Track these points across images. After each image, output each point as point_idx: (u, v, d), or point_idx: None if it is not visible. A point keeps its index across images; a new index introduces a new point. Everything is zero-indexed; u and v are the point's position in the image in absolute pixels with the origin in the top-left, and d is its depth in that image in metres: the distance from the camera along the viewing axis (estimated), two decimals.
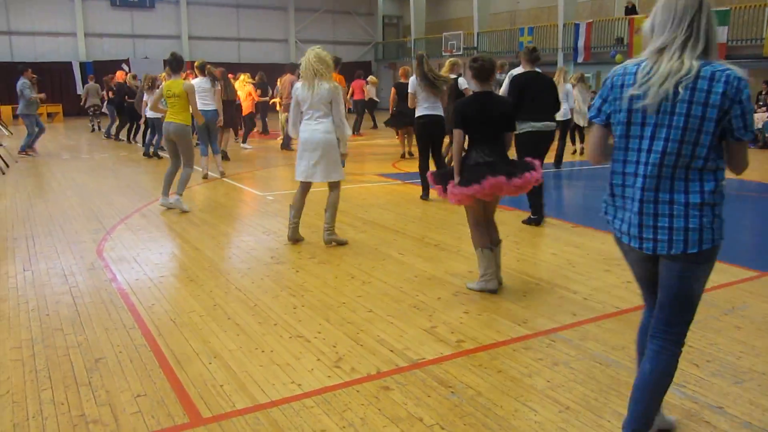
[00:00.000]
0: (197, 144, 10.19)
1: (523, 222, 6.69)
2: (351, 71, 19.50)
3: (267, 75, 16.20)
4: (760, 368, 3.36)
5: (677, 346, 2.45)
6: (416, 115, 7.93)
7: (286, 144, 13.78)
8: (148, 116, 11.97)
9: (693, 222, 2.25)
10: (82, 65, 27.03)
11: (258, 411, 2.90)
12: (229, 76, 13.49)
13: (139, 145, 14.24)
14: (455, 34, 27.24)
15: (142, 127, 13.74)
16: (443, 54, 27.15)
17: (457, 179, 4.35)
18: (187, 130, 7.25)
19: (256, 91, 14.66)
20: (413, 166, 10.17)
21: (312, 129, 5.55)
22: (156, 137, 12.22)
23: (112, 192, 8.75)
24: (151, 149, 12.54)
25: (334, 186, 5.76)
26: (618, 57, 19.18)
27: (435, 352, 3.52)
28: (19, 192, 8.78)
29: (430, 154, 7.91)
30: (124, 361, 3.42)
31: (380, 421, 2.81)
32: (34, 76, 13.16)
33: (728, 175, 2.33)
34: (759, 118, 14.93)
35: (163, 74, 10.24)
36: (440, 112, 7.83)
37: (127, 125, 15.43)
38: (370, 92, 18.84)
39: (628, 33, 20.30)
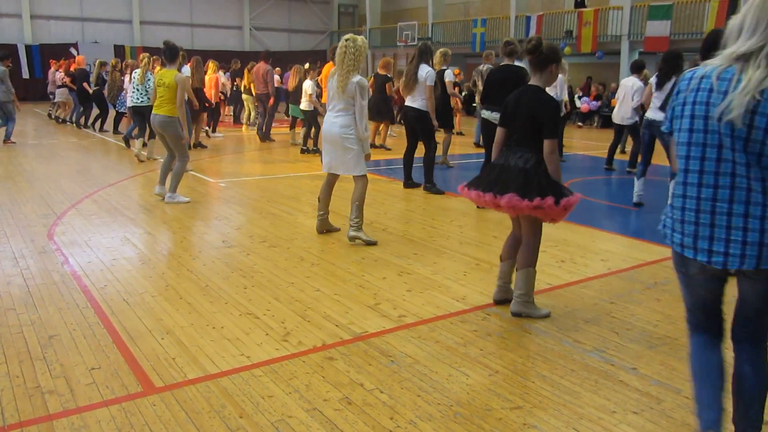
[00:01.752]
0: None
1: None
2: (304, 60, 19.52)
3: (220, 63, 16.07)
4: (673, 334, 3.70)
5: None
6: (406, 105, 7.89)
7: (266, 135, 13.64)
8: (129, 104, 11.41)
9: None
10: (28, 48, 26.27)
11: (209, 380, 3.08)
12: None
13: (95, 133, 14.04)
14: (410, 25, 27.44)
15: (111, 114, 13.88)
16: (398, 44, 27.36)
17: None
18: (174, 122, 6.94)
19: (229, 80, 14.60)
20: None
21: (331, 121, 5.43)
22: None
23: (62, 178, 8.69)
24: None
25: (356, 180, 5.55)
26: (567, 49, 19.74)
27: (377, 326, 3.74)
28: None
29: (419, 144, 7.96)
30: (78, 338, 3.54)
31: (324, 387, 3.02)
32: (10, 64, 12.82)
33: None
34: None
35: (144, 56, 10.07)
36: (418, 104, 7.70)
37: (96, 113, 15.10)
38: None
39: (577, 26, 20.89)
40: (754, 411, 2.31)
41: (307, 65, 11.98)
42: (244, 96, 15.64)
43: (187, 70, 9.87)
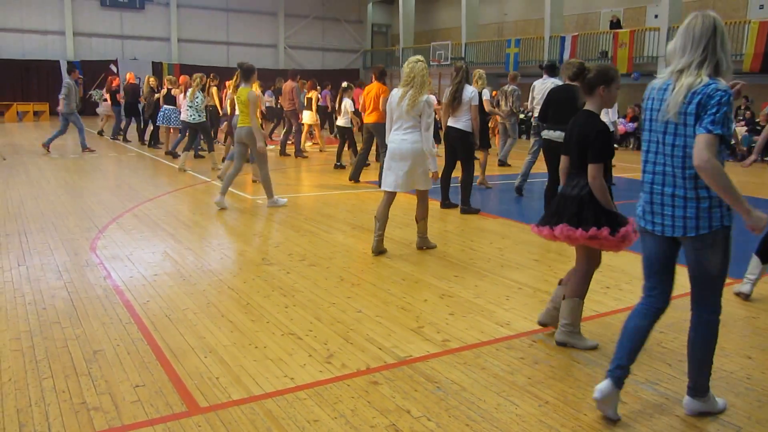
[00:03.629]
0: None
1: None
2: (338, 79, 19.68)
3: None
4: (728, 368, 3.56)
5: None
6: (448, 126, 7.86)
7: (298, 151, 13.93)
8: (182, 119, 12.32)
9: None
10: (70, 64, 26.94)
11: (253, 402, 3.04)
12: (227, 82, 14.02)
13: (127, 145, 14.29)
14: (443, 44, 27.57)
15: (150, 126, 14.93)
16: (431, 63, 27.45)
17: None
18: (253, 134, 7.56)
19: (272, 98, 15.05)
20: None
21: (400, 139, 5.63)
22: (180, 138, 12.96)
23: (103, 191, 8.83)
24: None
25: (423, 195, 5.86)
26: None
27: (422, 351, 3.68)
28: (9, 189, 8.82)
29: (458, 164, 7.91)
30: (122, 354, 3.54)
31: (370, 412, 2.96)
32: (80, 77, 13.93)
33: None
34: (738, 131, 15.32)
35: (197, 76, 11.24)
36: (462, 125, 7.70)
37: (137, 126, 15.93)
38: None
39: (613, 46, 20.73)
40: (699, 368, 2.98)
41: (345, 84, 12.16)
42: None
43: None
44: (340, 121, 11.56)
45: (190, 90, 11.09)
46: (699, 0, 21.31)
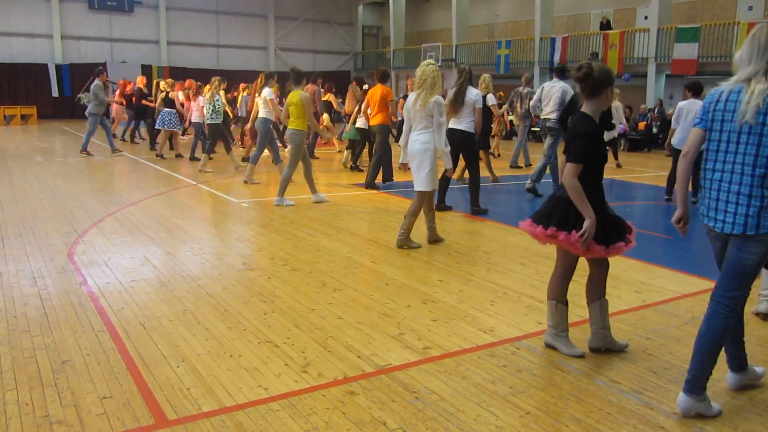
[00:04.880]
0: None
1: None
2: (329, 81, 19.59)
3: (244, 82, 16.23)
4: (715, 376, 3.46)
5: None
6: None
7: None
8: (193, 121, 12.91)
9: None
10: (58, 67, 26.77)
11: (224, 414, 2.93)
12: (242, 85, 14.55)
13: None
14: (434, 46, 27.51)
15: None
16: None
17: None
18: (301, 135, 8.02)
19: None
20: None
21: (413, 140, 5.91)
22: (197, 140, 13.25)
23: (86, 195, 8.69)
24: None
25: (419, 196, 6.04)
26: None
27: (402, 359, 3.58)
28: None
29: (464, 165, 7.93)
30: (91, 364, 3.42)
31: (344, 424, 2.86)
32: (107, 79, 14.75)
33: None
34: None
35: (215, 79, 11.48)
36: (464, 126, 7.67)
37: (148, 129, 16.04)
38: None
39: (603, 47, 20.71)
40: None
41: (366, 86, 12.30)
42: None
43: (270, 92, 10.05)
44: (359, 123, 11.57)
45: (209, 93, 11.26)
46: (688, 2, 21.35)
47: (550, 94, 9.59)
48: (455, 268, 5.45)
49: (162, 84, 14.50)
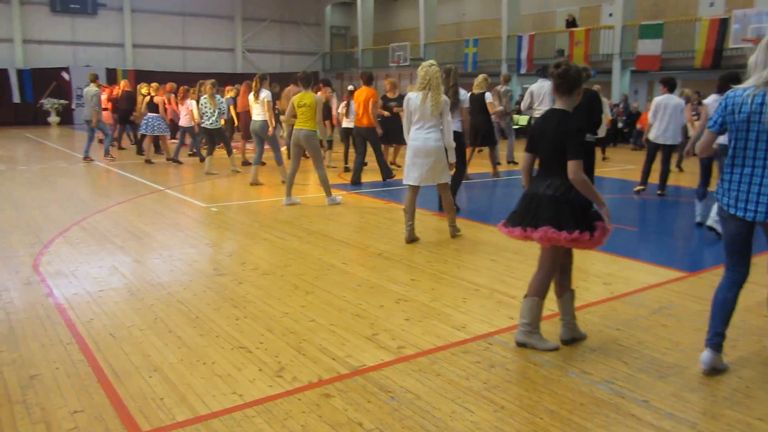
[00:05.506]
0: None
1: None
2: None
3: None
4: (683, 363, 3.55)
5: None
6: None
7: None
8: (181, 124, 13.31)
9: None
10: (19, 72, 26.16)
11: (199, 422, 2.91)
12: (227, 87, 14.41)
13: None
14: (402, 45, 27.55)
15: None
16: (390, 65, 27.44)
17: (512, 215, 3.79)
18: (315, 136, 8.17)
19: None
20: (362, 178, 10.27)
21: (425, 137, 6.13)
22: (182, 142, 13.70)
23: (51, 204, 8.52)
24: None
25: (444, 188, 6.48)
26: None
27: (376, 359, 3.58)
28: None
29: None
30: (61, 378, 3.36)
31: (321, 427, 2.86)
32: (102, 85, 15.37)
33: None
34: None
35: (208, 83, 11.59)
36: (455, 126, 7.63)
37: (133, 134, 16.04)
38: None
39: (569, 45, 20.98)
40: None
41: (351, 87, 12.36)
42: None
43: (269, 94, 10.19)
44: (345, 123, 11.57)
45: (204, 96, 11.37)
46: None
47: (542, 94, 9.83)
48: (427, 267, 5.48)
49: (145, 88, 14.34)
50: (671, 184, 10.03)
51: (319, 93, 13.63)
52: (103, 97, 16.34)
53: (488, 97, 10.36)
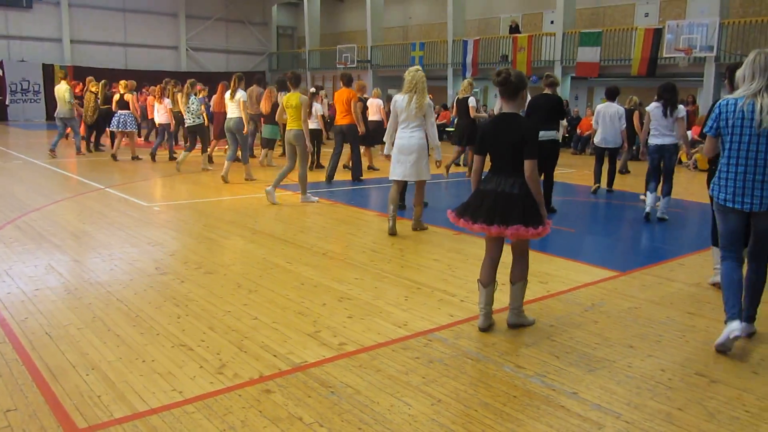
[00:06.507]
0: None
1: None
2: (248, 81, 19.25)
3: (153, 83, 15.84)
4: (612, 357, 3.73)
5: None
6: None
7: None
8: (157, 121, 13.65)
9: None
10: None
11: (137, 419, 2.90)
12: (198, 87, 13.81)
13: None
14: (349, 47, 27.61)
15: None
16: (337, 66, 27.45)
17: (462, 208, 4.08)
18: (302, 135, 8.26)
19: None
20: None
21: (408, 136, 6.61)
22: (160, 140, 13.73)
23: None
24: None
25: (421, 184, 6.89)
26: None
27: (317, 355, 3.63)
28: None
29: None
30: None
31: (261, 422, 2.89)
32: (74, 81, 15.84)
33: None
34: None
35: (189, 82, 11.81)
36: None
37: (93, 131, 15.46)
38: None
39: (512, 50, 21.47)
40: (757, 300, 3.99)
41: (313, 89, 12.60)
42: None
43: (244, 94, 10.38)
44: (311, 125, 11.55)
45: (193, 95, 11.65)
46: (591, 8, 22.46)
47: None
48: (370, 266, 5.56)
49: (94, 86, 14.37)
50: (616, 189, 10.41)
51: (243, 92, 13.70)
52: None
53: (471, 101, 11.04)
